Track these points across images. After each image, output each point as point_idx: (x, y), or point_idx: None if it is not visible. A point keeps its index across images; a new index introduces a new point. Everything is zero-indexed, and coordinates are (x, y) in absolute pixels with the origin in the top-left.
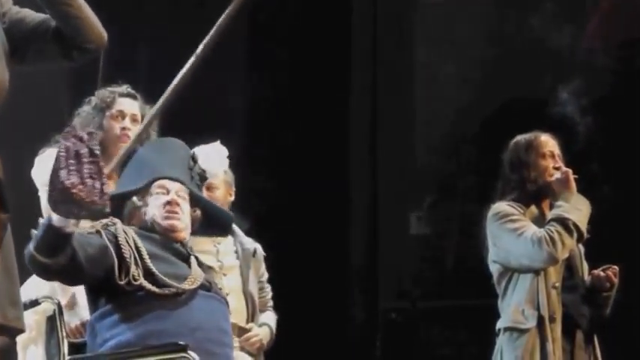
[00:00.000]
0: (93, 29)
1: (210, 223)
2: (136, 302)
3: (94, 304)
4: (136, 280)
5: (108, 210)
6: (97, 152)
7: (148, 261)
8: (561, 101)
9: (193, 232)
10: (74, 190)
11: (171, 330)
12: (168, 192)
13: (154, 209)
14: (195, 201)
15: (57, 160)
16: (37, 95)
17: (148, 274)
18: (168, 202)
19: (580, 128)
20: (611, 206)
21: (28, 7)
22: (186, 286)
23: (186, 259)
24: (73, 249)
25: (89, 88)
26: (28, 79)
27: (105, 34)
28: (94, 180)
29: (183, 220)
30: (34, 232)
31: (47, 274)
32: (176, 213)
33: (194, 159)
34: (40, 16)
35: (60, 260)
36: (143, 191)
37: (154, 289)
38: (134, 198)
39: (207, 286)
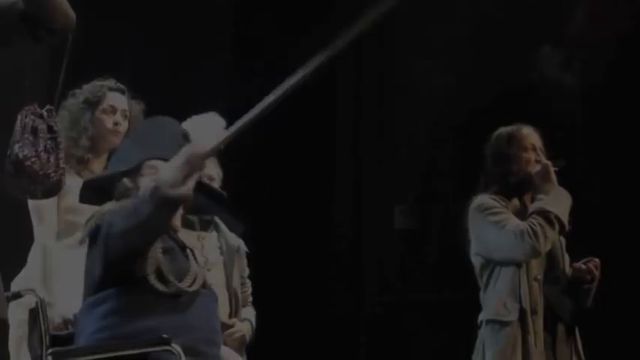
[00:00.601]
0: (60, 10)
1: (201, 200)
2: (137, 294)
3: (91, 287)
4: (146, 275)
5: (64, 185)
6: (56, 129)
7: (160, 255)
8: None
9: (186, 212)
10: (27, 163)
11: (166, 328)
12: None
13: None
14: None
15: (13, 134)
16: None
17: (156, 269)
18: None
19: (563, 119)
20: (593, 198)
21: None
22: (187, 285)
23: (183, 249)
24: None
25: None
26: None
27: (73, 16)
28: (49, 154)
29: None
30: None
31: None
32: None
33: (185, 136)
34: (8, 0)
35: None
36: (134, 173)
37: (157, 285)
38: (124, 180)
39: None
